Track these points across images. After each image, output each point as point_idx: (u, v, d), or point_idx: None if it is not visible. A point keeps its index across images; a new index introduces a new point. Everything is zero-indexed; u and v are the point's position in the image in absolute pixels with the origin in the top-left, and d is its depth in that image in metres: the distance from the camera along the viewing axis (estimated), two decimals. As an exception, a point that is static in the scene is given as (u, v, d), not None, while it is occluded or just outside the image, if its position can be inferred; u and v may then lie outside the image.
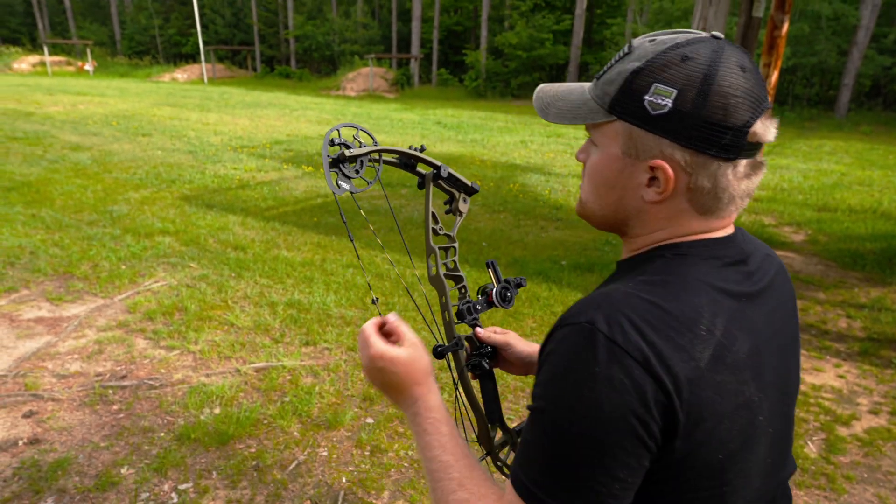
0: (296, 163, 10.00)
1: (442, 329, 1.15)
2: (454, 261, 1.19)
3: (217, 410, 3.03)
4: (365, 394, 3.22)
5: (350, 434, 2.90)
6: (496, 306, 1.13)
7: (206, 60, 34.89)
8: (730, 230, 0.80)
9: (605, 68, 0.77)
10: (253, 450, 2.75)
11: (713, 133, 0.68)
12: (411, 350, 0.89)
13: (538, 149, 12.76)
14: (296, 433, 2.89)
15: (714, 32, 0.72)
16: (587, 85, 0.80)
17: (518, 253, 5.77)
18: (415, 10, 32.39)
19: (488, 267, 1.17)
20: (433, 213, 1.16)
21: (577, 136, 15.28)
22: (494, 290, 1.12)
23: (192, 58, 40.59)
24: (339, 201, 1.13)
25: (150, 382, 3.27)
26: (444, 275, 1.14)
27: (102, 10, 48.64)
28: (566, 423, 0.65)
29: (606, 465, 0.65)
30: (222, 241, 5.66)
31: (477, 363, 1.17)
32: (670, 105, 0.68)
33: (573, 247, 6.02)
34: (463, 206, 1.21)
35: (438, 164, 1.16)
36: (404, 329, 0.92)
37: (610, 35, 27.05)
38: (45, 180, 7.80)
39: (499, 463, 1.22)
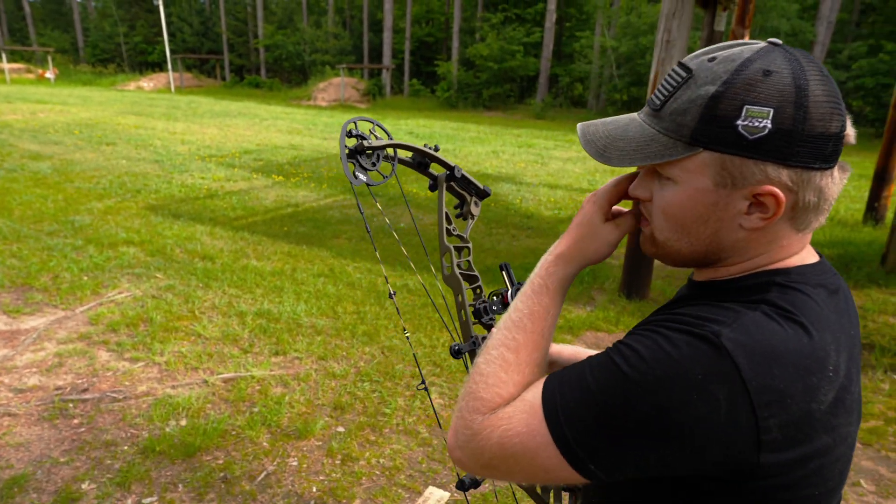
0: (266, 172, 9.89)
1: (457, 329, 1.14)
2: (468, 261, 1.18)
3: (183, 422, 2.95)
4: (336, 402, 3.19)
5: (321, 443, 2.86)
6: None
7: (174, 69, 34.33)
8: (815, 253, 0.77)
9: (661, 97, 0.71)
10: (220, 461, 2.69)
11: (817, 146, 0.64)
12: (611, 233, 0.83)
13: (509, 159, 12.89)
14: (265, 443, 2.83)
15: (771, 39, 0.68)
16: (637, 118, 0.75)
17: (490, 261, 5.80)
18: (386, 21, 32.51)
19: (502, 270, 1.16)
20: (447, 214, 1.15)
21: (547, 146, 15.49)
22: (510, 292, 1.11)
23: (159, 66, 39.93)
24: (357, 195, 1.14)
25: (113, 395, 3.18)
26: (460, 274, 1.13)
27: (64, 17, 47.53)
28: (634, 398, 0.63)
29: (645, 447, 0.63)
30: (189, 251, 5.55)
31: None
32: (769, 126, 0.63)
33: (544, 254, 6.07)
34: (474, 209, 1.20)
35: (452, 164, 1.15)
36: (627, 223, 0.85)
37: (579, 48, 27.59)
38: (2, 190, 7.54)
39: None
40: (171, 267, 5.10)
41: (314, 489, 2.56)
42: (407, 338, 1.19)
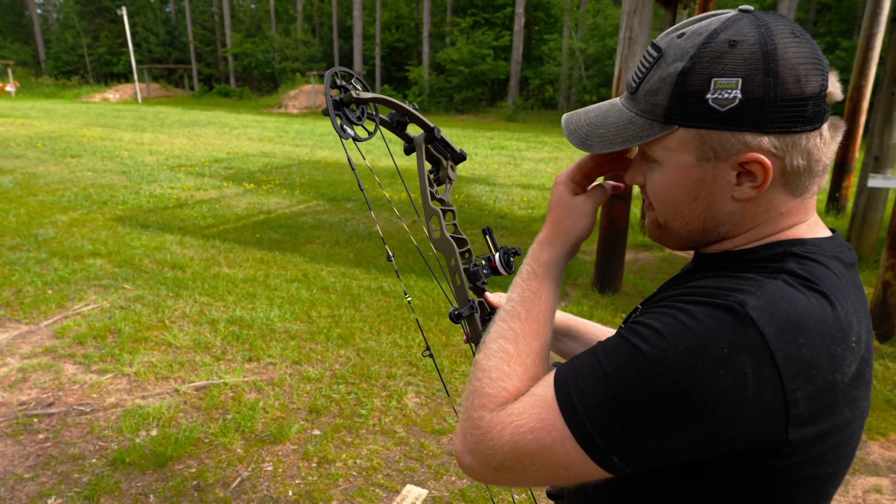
0: (237, 180, 9.77)
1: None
2: (454, 224, 1.10)
3: (154, 432, 2.89)
4: (311, 406, 3.15)
5: (296, 447, 2.82)
6: (500, 273, 1.04)
7: (140, 80, 33.74)
8: (828, 228, 0.76)
9: (636, 79, 0.70)
10: (193, 470, 2.63)
11: (795, 109, 0.63)
12: (573, 201, 0.82)
13: (482, 161, 12.95)
14: (239, 450, 2.79)
15: (742, 7, 0.67)
16: (618, 102, 0.74)
17: (464, 261, 5.81)
18: (356, 28, 32.47)
19: (485, 234, 1.09)
20: (429, 176, 1.09)
21: (519, 147, 15.61)
22: (496, 256, 1.04)
23: (125, 77, 39.21)
24: (347, 150, 1.06)
25: (80, 408, 3.09)
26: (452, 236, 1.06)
27: (24, 29, 46.38)
28: (653, 378, 0.60)
29: (667, 431, 0.60)
30: (159, 261, 5.44)
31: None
32: (739, 96, 0.62)
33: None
34: (451, 174, 1.15)
35: (432, 125, 1.10)
36: (598, 193, 0.84)
37: (548, 50, 27.92)
38: (-39, 205, 7.31)
39: None
40: (139, 277, 5.00)
41: (290, 493, 2.52)
42: (409, 302, 1.13)
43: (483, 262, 1.06)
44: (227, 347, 3.80)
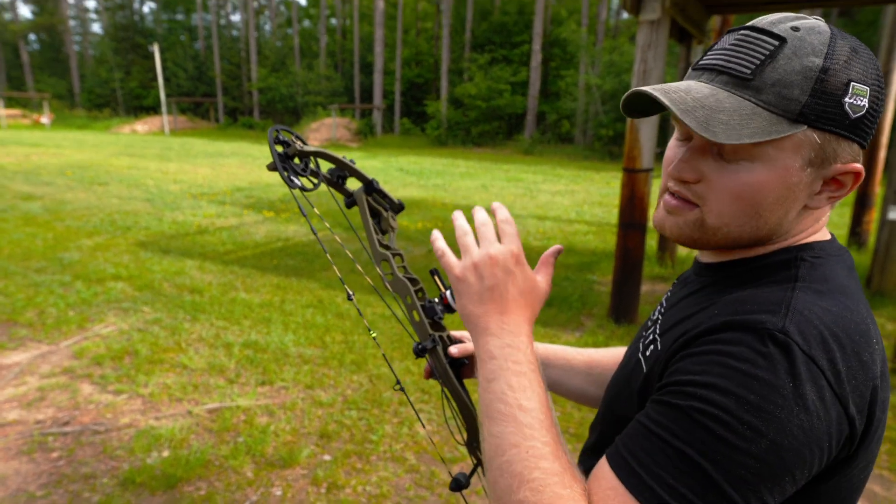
0: (257, 208, 9.95)
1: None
2: (403, 267, 1.16)
3: (165, 453, 2.90)
4: (322, 431, 3.14)
5: (306, 472, 2.80)
6: (453, 309, 1.06)
7: (168, 112, 34.82)
8: (827, 231, 0.75)
9: (749, 65, 0.62)
10: (203, 492, 2.63)
11: (873, 126, 0.63)
12: (540, 285, 0.77)
13: (498, 192, 13.04)
14: (249, 473, 2.78)
15: (815, 17, 0.65)
16: (716, 87, 0.64)
17: (479, 290, 5.81)
18: (377, 64, 33.32)
19: (432, 275, 1.12)
20: (373, 225, 1.15)
21: (535, 180, 15.71)
22: (447, 293, 1.08)
23: (154, 109, 40.49)
24: (297, 199, 1.12)
25: (95, 428, 3.12)
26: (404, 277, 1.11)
27: (62, 64, 48.41)
28: (744, 438, 0.55)
29: (767, 489, 0.56)
30: (178, 285, 5.53)
31: (456, 360, 1.09)
32: (867, 105, 0.61)
33: (533, 283, 6.10)
34: (393, 223, 1.20)
35: (370, 178, 1.15)
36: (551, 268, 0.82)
37: (564, 86, 28.29)
38: (-9, 229, 7.54)
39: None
40: (158, 301, 5.08)
41: (298, 518, 2.50)
42: (374, 338, 1.15)
43: (436, 300, 1.10)
44: (241, 371, 3.82)
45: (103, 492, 2.61)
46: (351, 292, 1.15)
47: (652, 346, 0.73)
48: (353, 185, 1.18)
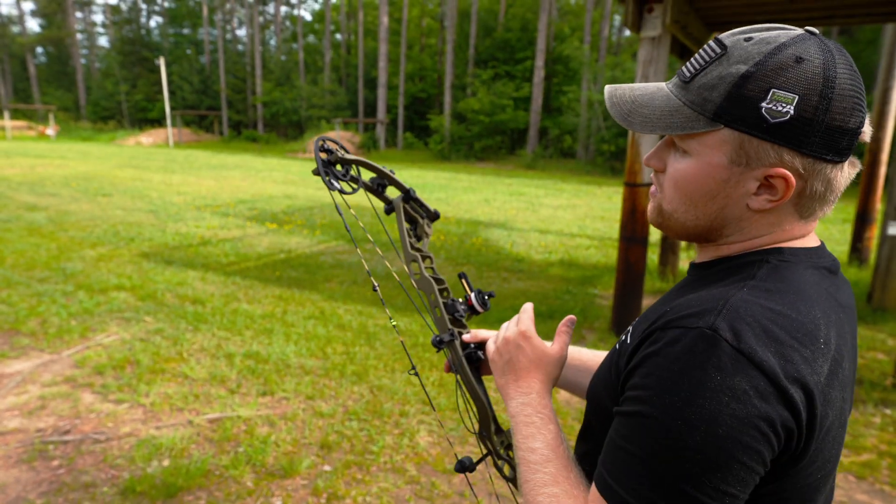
0: (260, 220, 10.00)
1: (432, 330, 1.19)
2: (432, 268, 1.23)
3: (166, 462, 2.89)
4: (323, 441, 3.14)
5: (306, 482, 2.80)
6: (477, 311, 1.15)
7: (173, 125, 35.12)
8: (817, 239, 0.78)
9: (692, 70, 0.70)
10: (202, 501, 2.62)
11: (833, 138, 0.65)
12: (550, 351, 0.92)
13: (501, 206, 13.09)
14: (249, 483, 2.77)
15: (808, 28, 0.68)
16: (665, 87, 0.74)
17: (480, 303, 5.82)
18: (381, 78, 33.62)
19: (461, 278, 1.22)
20: (407, 229, 1.23)
21: (537, 194, 15.76)
22: (472, 295, 1.16)
23: (159, 122, 40.85)
24: (336, 202, 1.22)
25: (96, 437, 3.12)
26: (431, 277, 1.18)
27: (68, 77, 48.91)
28: (680, 435, 0.59)
29: (720, 479, 0.59)
30: (180, 296, 5.55)
31: (469, 354, 1.16)
32: (791, 112, 0.64)
33: (534, 296, 6.11)
34: (428, 230, 1.28)
35: (408, 187, 1.23)
36: (566, 338, 0.97)
37: (567, 101, 28.48)
38: (-4, 239, 7.58)
39: (500, 462, 1.16)
40: (160, 311, 5.09)
41: (298, 528, 2.49)
42: (394, 326, 1.20)
43: (460, 300, 1.17)
44: (243, 381, 3.82)
45: (103, 500, 2.60)
46: (376, 284, 1.22)
47: (624, 336, 0.79)
48: (393, 193, 1.26)
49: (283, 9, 49.40)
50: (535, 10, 33.71)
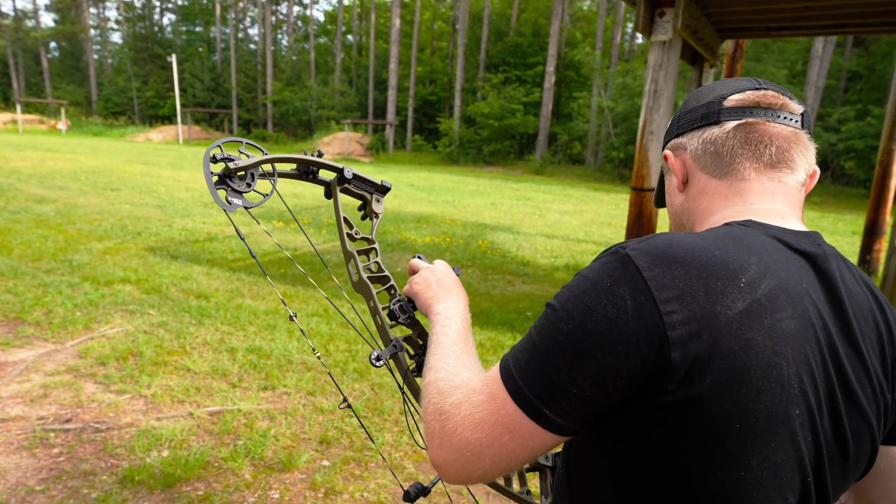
0: (266, 218, 10.02)
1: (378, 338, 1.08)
2: (377, 262, 1.13)
3: (165, 453, 2.89)
4: (322, 437, 3.13)
5: (304, 476, 2.79)
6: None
7: (183, 122, 35.33)
8: (801, 224, 0.79)
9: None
10: (200, 492, 2.62)
11: (690, 116, 0.87)
12: (441, 265, 1.12)
13: (508, 210, 13.08)
14: (247, 476, 2.77)
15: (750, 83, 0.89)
16: None
17: (485, 304, 5.81)
18: (391, 81, 33.71)
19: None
20: (345, 218, 1.11)
21: (545, 199, 15.74)
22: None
23: (169, 119, 41.09)
24: (233, 221, 1.13)
25: (96, 426, 3.13)
26: (369, 278, 1.08)
27: (81, 72, 49.31)
28: (560, 321, 0.68)
29: (576, 369, 0.65)
30: (185, 290, 5.57)
31: (422, 362, 1.07)
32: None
33: (539, 300, 6.09)
34: (377, 207, 1.16)
35: (340, 166, 1.10)
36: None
37: (577, 107, 28.47)
38: (4, 230, 7.63)
39: None
40: (165, 304, 5.11)
41: (294, 523, 2.48)
42: (318, 357, 1.14)
43: (407, 298, 1.07)
44: (244, 375, 3.82)
45: (102, 489, 2.61)
46: (293, 314, 1.15)
47: None
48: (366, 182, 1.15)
49: (296, 9, 49.69)
50: (547, 16, 33.75)
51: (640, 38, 35.77)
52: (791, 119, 0.80)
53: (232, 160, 0.98)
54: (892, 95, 7.26)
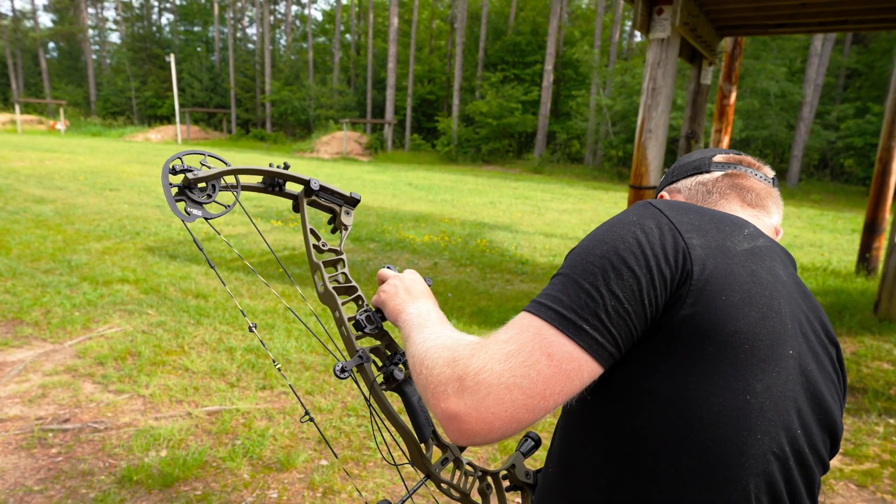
0: (265, 217, 10.02)
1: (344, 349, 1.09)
2: (344, 273, 1.13)
3: (163, 453, 2.89)
4: (320, 436, 3.13)
5: (302, 476, 2.79)
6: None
7: (181, 122, 35.30)
8: (768, 236, 0.89)
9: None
10: (199, 492, 2.62)
11: (681, 170, 1.06)
12: (410, 273, 1.12)
13: (506, 209, 13.07)
14: (245, 475, 2.77)
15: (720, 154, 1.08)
16: None
17: (483, 303, 5.81)
18: (389, 80, 33.69)
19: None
20: (312, 229, 1.10)
21: (543, 198, 15.73)
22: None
23: (168, 119, 41.04)
24: (191, 231, 1.12)
25: (95, 426, 3.12)
26: (335, 288, 1.07)
27: (79, 72, 49.24)
28: (590, 250, 0.74)
29: (615, 281, 0.70)
30: (183, 290, 5.56)
31: (389, 374, 1.06)
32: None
33: (538, 298, 6.08)
34: (346, 219, 1.15)
35: (306, 178, 1.08)
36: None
37: (575, 106, 28.46)
38: (2, 231, 7.62)
39: (443, 485, 1.07)
40: (163, 304, 5.10)
41: (293, 522, 2.48)
42: (278, 369, 1.12)
43: (375, 307, 1.06)
44: (243, 375, 3.82)
45: (100, 488, 2.60)
46: (252, 324, 1.15)
47: None
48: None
49: (294, 8, 49.64)
50: (545, 14, 33.74)
51: (638, 36, 35.78)
52: (765, 179, 1.00)
53: (191, 171, 0.97)
54: (892, 92, 7.25)
